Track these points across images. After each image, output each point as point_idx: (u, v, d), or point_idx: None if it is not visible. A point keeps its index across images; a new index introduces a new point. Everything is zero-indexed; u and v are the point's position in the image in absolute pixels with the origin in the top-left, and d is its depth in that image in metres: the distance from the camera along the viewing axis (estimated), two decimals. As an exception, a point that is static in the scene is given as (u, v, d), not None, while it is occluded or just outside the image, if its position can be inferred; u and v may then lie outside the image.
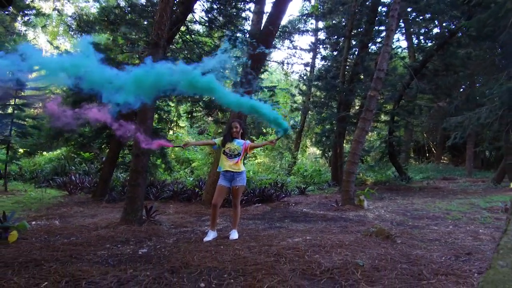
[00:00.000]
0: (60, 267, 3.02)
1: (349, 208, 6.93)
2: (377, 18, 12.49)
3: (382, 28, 12.95)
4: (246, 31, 9.11)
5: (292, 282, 2.61)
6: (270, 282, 2.58)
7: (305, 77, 18.66)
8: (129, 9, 7.54)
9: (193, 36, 8.37)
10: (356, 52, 13.10)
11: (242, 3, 8.87)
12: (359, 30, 13.26)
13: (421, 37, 15.28)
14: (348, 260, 3.09)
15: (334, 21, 15.08)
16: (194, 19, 8.60)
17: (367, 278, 2.68)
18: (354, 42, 13.29)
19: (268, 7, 9.28)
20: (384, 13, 12.81)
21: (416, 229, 4.92)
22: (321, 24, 18.51)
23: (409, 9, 12.70)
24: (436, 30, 15.06)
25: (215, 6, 8.67)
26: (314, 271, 2.85)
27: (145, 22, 8.10)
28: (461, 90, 15.51)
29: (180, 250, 3.66)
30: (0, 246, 3.85)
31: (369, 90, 7.96)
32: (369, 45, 13.21)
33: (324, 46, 17.27)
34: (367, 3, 12.64)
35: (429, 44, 14.20)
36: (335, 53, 14.83)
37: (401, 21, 13.72)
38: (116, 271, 2.94)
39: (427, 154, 25.77)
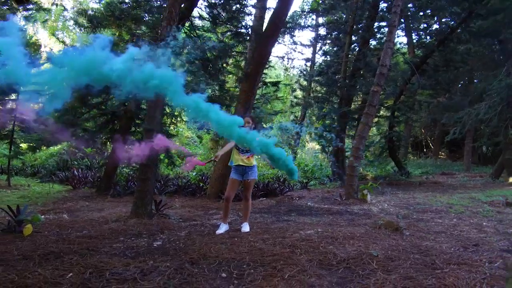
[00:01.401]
0: (81, 259, 3.08)
1: (353, 202, 7.03)
2: (378, 14, 12.53)
3: (384, 24, 13.02)
4: (249, 26, 9.14)
5: (311, 271, 2.70)
6: (290, 272, 2.67)
7: (305, 72, 18.70)
8: (133, 4, 7.55)
9: (197, 31, 8.39)
10: (357, 48, 13.15)
11: (245, -2, 8.88)
12: (360, 25, 13.30)
13: (421, 33, 15.34)
14: (362, 251, 3.18)
15: (335, 17, 15.09)
16: (198, 15, 8.62)
17: (383, 268, 2.78)
18: (355, 38, 13.33)
19: (270, 3, 9.30)
20: (385, 9, 12.85)
21: (422, 222, 5.03)
22: (321, 20, 18.51)
23: (409, 5, 12.75)
24: (436, 26, 15.14)
25: (218, 2, 8.68)
26: (331, 261, 2.94)
27: (147, 18, 8.09)
28: (459, 86, 15.65)
29: (195, 242, 3.73)
30: (15, 239, 3.90)
31: (372, 85, 8.04)
32: (370, 40, 13.25)
33: (325, 42, 17.27)
34: (368, -1, 12.67)
35: (429, 40, 14.28)
36: (336, 48, 14.85)
37: (401, 16, 13.77)
38: (136, 263, 3.01)
39: (425, 150, 25.99)
